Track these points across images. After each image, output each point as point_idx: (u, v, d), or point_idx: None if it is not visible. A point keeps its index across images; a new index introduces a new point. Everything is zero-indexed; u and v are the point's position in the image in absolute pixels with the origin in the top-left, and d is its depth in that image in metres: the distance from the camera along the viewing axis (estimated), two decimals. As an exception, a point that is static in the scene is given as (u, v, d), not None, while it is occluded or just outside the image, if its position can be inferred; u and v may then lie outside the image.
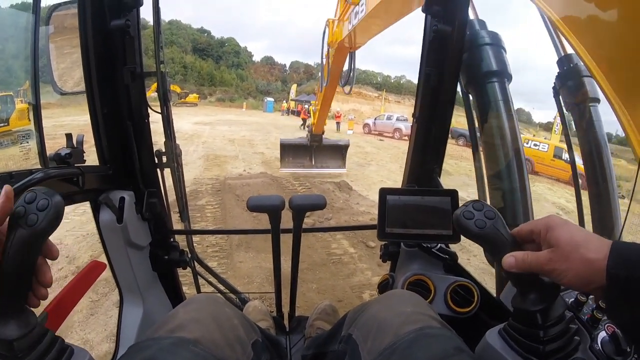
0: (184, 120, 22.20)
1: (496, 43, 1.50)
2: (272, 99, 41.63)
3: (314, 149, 9.73)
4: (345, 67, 7.11)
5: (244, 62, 55.98)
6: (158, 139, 1.41)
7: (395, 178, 10.09)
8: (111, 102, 1.24)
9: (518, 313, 0.69)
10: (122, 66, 1.22)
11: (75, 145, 1.10)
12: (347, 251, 5.15)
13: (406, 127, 22.87)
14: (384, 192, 1.29)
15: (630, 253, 0.54)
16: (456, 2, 1.39)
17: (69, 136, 1.09)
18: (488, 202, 1.39)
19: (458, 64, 1.47)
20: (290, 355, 1.45)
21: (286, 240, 1.43)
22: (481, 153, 1.58)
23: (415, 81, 1.50)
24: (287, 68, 60.69)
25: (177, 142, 1.48)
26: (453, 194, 1.26)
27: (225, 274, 3.84)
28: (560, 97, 1.48)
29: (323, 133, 9.74)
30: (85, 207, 1.23)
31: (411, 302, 0.88)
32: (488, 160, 1.54)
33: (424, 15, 1.44)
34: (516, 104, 1.52)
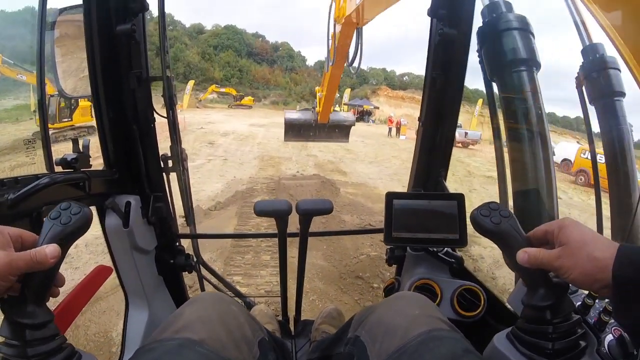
0: (240, 121, 22.91)
1: (524, 27, 1.35)
2: (325, 103, 41.84)
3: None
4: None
5: (298, 67, 56.47)
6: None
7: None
8: (117, 107, 1.24)
9: (528, 310, 0.71)
10: (128, 71, 1.23)
11: (81, 150, 1.10)
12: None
13: (459, 134, 21.41)
14: (390, 197, 1.28)
15: (638, 256, 0.56)
16: (462, 5, 1.39)
17: (75, 141, 1.09)
18: (510, 204, 1.34)
19: (464, 67, 1.46)
20: (296, 359, 1.45)
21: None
22: (504, 150, 1.45)
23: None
24: (340, 73, 60.66)
25: (233, 141, 1.48)
26: (459, 198, 1.25)
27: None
28: (584, 89, 1.37)
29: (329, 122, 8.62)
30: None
31: (419, 305, 0.89)
32: (512, 159, 1.42)
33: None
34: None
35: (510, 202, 1.38)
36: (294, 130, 8.57)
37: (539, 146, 1.33)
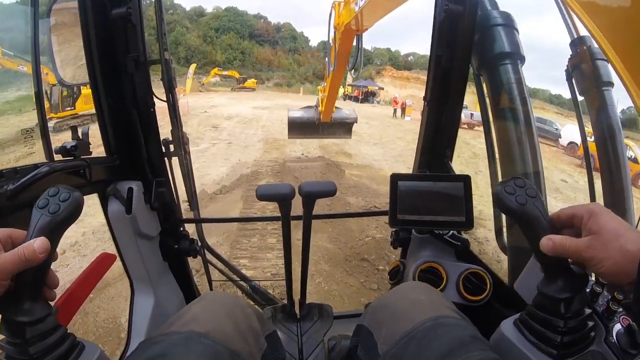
0: (243, 104, 22.98)
1: (508, 24, 1.45)
2: (329, 85, 41.70)
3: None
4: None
5: (301, 47, 55.85)
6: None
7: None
8: (116, 92, 1.23)
9: (541, 299, 0.68)
10: (126, 55, 1.20)
11: (80, 138, 1.09)
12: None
13: (465, 115, 20.22)
14: (395, 178, 1.27)
15: None
16: None
17: (74, 129, 1.08)
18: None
19: (470, 45, 1.42)
20: (301, 342, 1.46)
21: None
22: (494, 137, 1.54)
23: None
24: (344, 53, 60.62)
25: (237, 124, 1.47)
26: (466, 179, 1.23)
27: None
28: (573, 80, 1.42)
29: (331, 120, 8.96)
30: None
31: (424, 292, 0.88)
32: (500, 145, 1.50)
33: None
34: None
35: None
36: (298, 128, 8.68)
37: (525, 130, 1.42)
